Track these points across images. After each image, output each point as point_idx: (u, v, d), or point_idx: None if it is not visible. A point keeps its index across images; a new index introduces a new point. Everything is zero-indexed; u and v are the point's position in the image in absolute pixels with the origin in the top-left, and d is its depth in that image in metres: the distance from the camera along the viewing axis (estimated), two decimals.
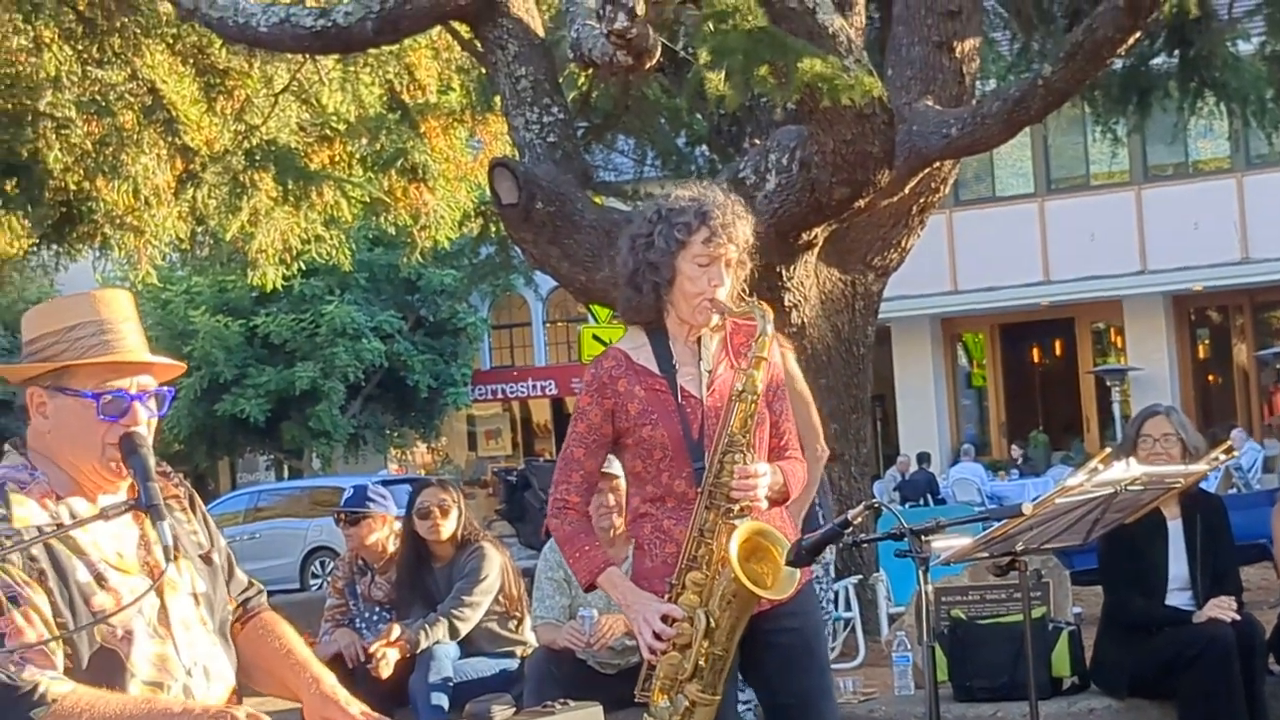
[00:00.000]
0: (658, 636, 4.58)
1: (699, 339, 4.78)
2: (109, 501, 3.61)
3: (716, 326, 4.77)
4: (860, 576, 11.51)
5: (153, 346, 3.76)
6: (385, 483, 15.43)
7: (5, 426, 34.23)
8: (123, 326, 3.64)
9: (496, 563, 8.20)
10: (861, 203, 10.41)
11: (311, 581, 26.95)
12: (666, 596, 4.61)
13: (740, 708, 5.29)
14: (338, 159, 17.70)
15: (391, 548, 8.46)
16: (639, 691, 4.62)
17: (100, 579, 3.54)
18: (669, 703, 4.57)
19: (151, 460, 3.57)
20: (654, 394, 4.72)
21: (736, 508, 4.61)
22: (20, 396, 3.67)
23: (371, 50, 14.56)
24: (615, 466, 5.85)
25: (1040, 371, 36.12)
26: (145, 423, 3.62)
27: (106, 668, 3.48)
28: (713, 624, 4.56)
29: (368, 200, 18.15)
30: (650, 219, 4.80)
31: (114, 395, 3.59)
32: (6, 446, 3.71)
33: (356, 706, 3.71)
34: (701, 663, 4.55)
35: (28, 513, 3.52)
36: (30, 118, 15.61)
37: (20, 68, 15.10)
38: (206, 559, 3.78)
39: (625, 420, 4.71)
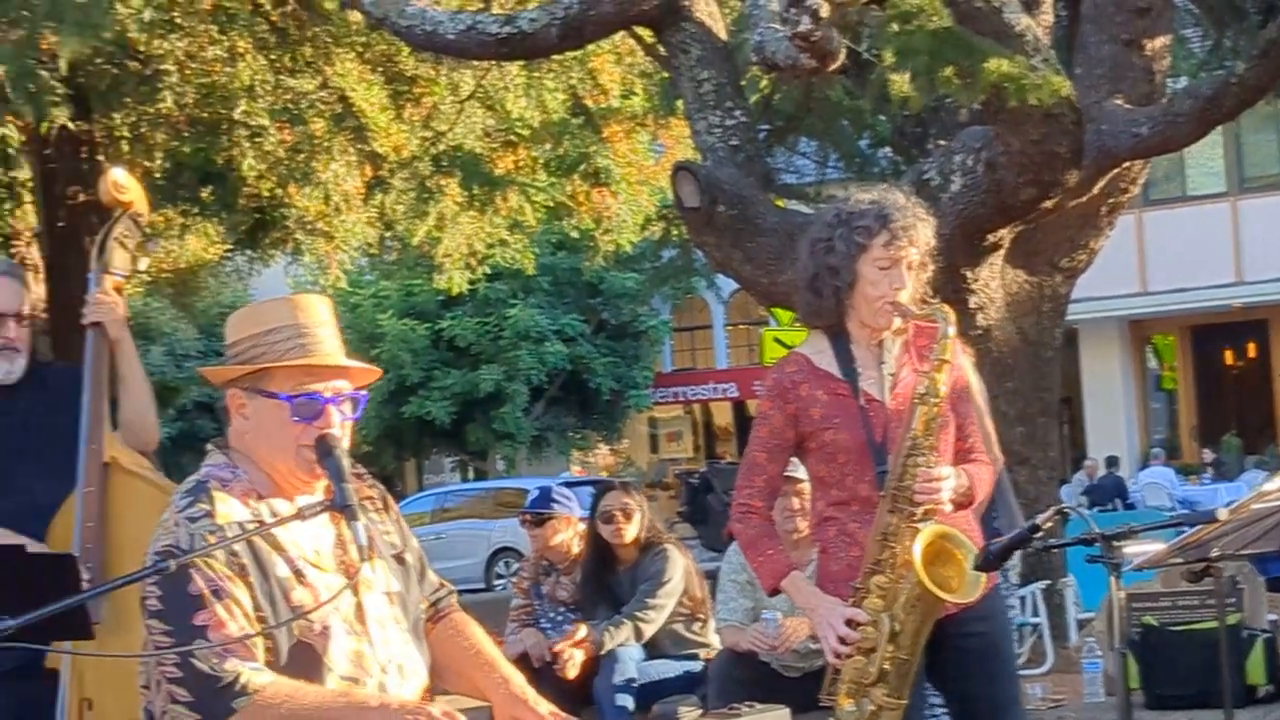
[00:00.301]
0: (842, 640, 4.56)
1: (881, 342, 4.76)
2: (306, 502, 3.69)
3: (898, 330, 4.75)
4: (1048, 582, 11.37)
5: (343, 350, 3.82)
6: (568, 484, 15.52)
7: (203, 428, 34.94)
8: (319, 331, 3.70)
9: (680, 565, 8.22)
10: (1048, 204, 10.29)
11: (496, 582, 27.18)
12: (851, 600, 4.59)
13: (928, 713, 5.25)
14: (522, 164, 17.84)
15: (576, 549, 8.51)
16: (824, 695, 4.62)
17: (299, 575, 3.61)
18: (855, 707, 4.55)
19: (346, 462, 3.63)
20: (836, 398, 4.70)
21: (920, 511, 4.59)
22: (221, 399, 3.75)
23: (555, 56, 14.66)
24: (800, 470, 5.84)
25: (1233, 374, 35.42)
26: (339, 425, 3.67)
27: (305, 662, 3.55)
28: (897, 628, 4.54)
29: (551, 204, 18.28)
30: (830, 223, 4.79)
31: (308, 398, 3.64)
32: (209, 446, 3.79)
33: (545, 706, 3.74)
34: (887, 667, 4.53)
35: (230, 509, 3.60)
36: (225, 126, 15.91)
37: (216, 78, 15.40)
38: (400, 559, 3.84)
39: (808, 425, 4.71)
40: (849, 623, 4.56)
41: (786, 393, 4.74)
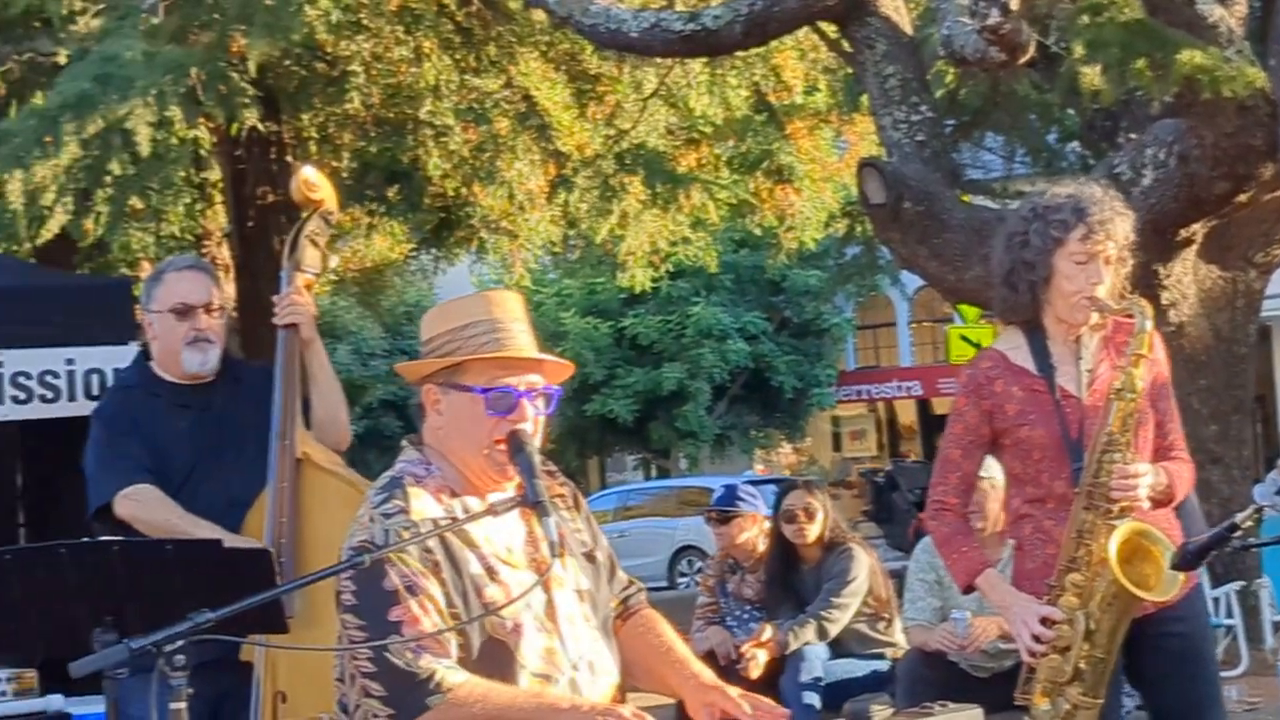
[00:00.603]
0: (1037, 639, 4.51)
1: (1078, 338, 4.69)
2: (498, 497, 3.70)
3: (1096, 325, 4.68)
4: (1243, 583, 11.15)
5: (537, 345, 3.83)
6: (752, 483, 15.52)
7: (389, 425, 35.39)
8: (514, 325, 3.72)
9: (865, 564, 8.18)
10: (1242, 198, 10.10)
11: (680, 580, 27.23)
12: (1045, 599, 4.54)
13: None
14: (705, 161, 17.84)
15: (761, 547, 8.50)
16: (1019, 694, 4.56)
17: (491, 572, 3.62)
18: (1050, 706, 4.50)
19: (537, 458, 3.64)
20: (1032, 394, 4.65)
21: (1116, 508, 4.52)
22: (408, 397, 3.80)
23: (738, 53, 14.65)
24: (993, 469, 5.77)
25: None
26: (532, 420, 3.68)
27: (497, 659, 3.56)
28: (1092, 626, 4.48)
29: (734, 202, 18.26)
30: (1026, 217, 4.74)
31: (502, 391, 3.66)
32: (404, 443, 3.83)
33: (736, 690, 3.73)
34: (1082, 665, 4.47)
35: (424, 506, 3.63)
36: (411, 126, 16.08)
37: (402, 78, 15.58)
38: (590, 557, 3.84)
39: (1003, 421, 4.66)
40: (1044, 621, 4.50)
41: (981, 389, 4.70)
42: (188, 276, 5.52)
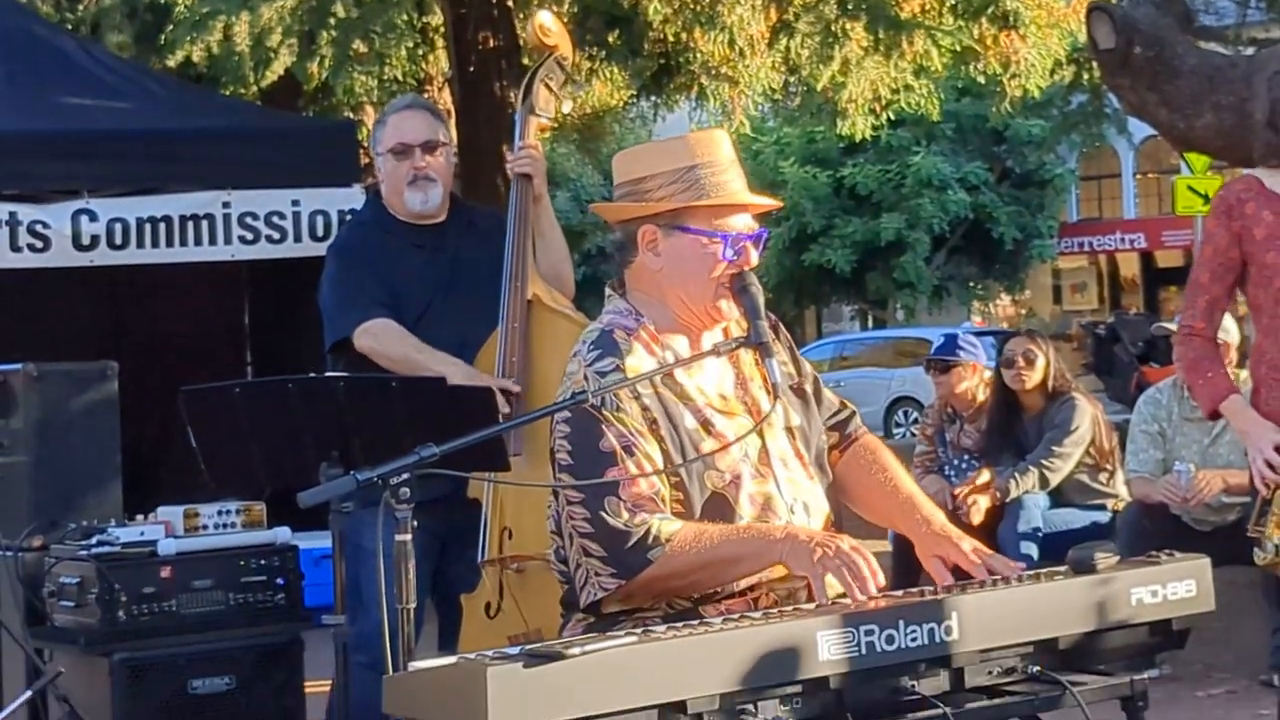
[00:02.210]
0: (1272, 468, 4.41)
1: None
2: (710, 338, 3.70)
3: None
4: None
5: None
6: (973, 334, 15.37)
7: (608, 272, 35.58)
8: (732, 169, 3.70)
9: (1088, 414, 8.09)
10: None
11: (895, 430, 27.19)
12: None
13: None
14: (928, 7, 17.48)
15: (980, 397, 8.45)
16: (1251, 526, 4.48)
17: (706, 425, 3.62)
18: None
19: (761, 298, 3.63)
20: None
21: None
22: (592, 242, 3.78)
23: None
24: (1228, 326, 5.61)
25: None
26: (755, 261, 3.68)
27: (717, 513, 3.57)
28: None
29: (957, 49, 17.89)
30: None
31: (734, 236, 3.64)
32: (608, 290, 3.81)
33: (969, 542, 3.70)
34: None
35: (638, 361, 3.62)
36: None
37: None
38: (799, 391, 3.82)
39: (1250, 245, 4.54)
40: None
41: (1232, 210, 4.58)
42: (406, 116, 5.57)
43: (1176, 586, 3.59)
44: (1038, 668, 3.41)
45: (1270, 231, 4.52)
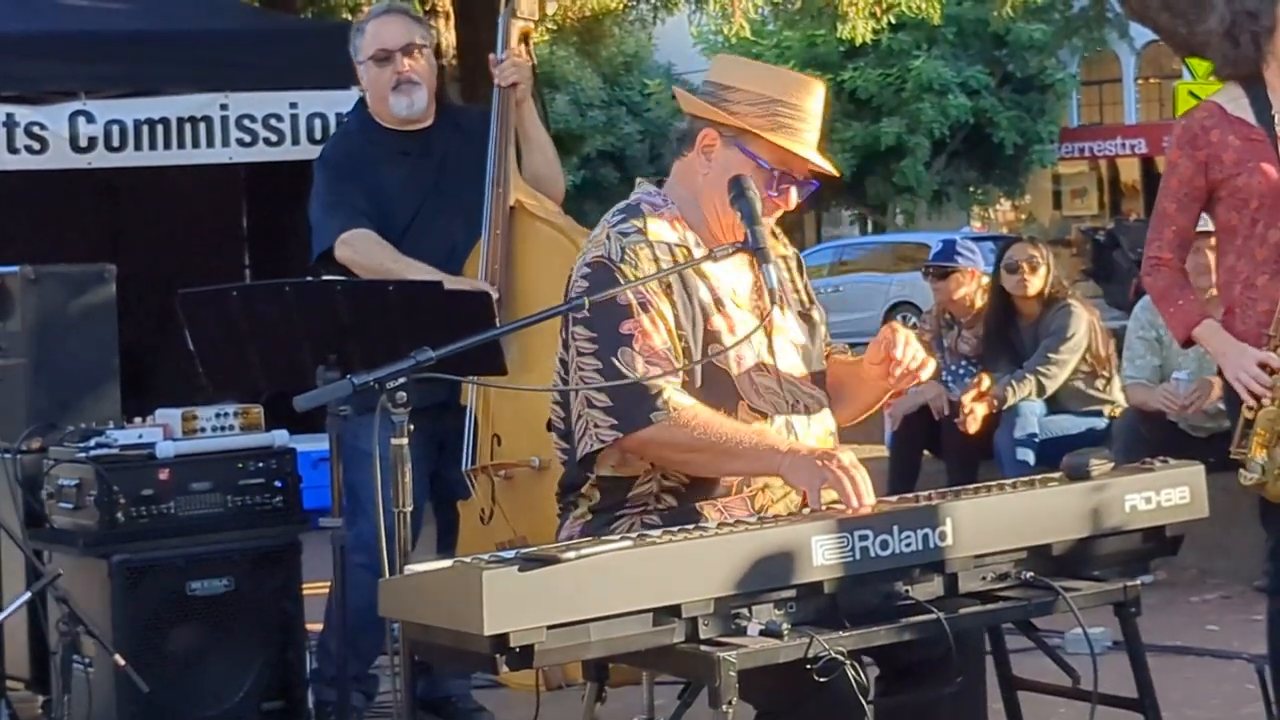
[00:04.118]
0: (1256, 385, 4.42)
1: None
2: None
3: None
4: None
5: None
6: (970, 239, 15.37)
7: (606, 176, 35.46)
8: (811, 122, 3.73)
9: (1084, 321, 8.08)
10: None
11: None
12: (1265, 348, 4.44)
13: None
14: None
15: (978, 302, 8.43)
16: (1234, 447, 4.49)
17: (718, 302, 3.67)
18: (1266, 457, 4.42)
19: (759, 205, 3.64)
20: (1250, 143, 4.52)
21: None
22: (628, 149, 3.80)
23: None
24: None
25: None
26: (792, 206, 3.77)
27: (719, 387, 3.61)
28: None
29: None
30: None
31: (783, 174, 3.71)
32: (639, 180, 3.87)
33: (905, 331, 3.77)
34: None
35: (660, 230, 3.69)
36: None
37: None
38: (806, 317, 3.87)
39: (1219, 171, 4.53)
40: (1262, 367, 4.41)
41: (1196, 139, 4.57)
42: (385, 21, 5.56)
43: (1170, 493, 3.62)
44: (1031, 573, 3.44)
45: (1239, 155, 4.52)
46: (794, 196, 3.75)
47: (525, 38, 5.51)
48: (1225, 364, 4.57)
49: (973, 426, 7.81)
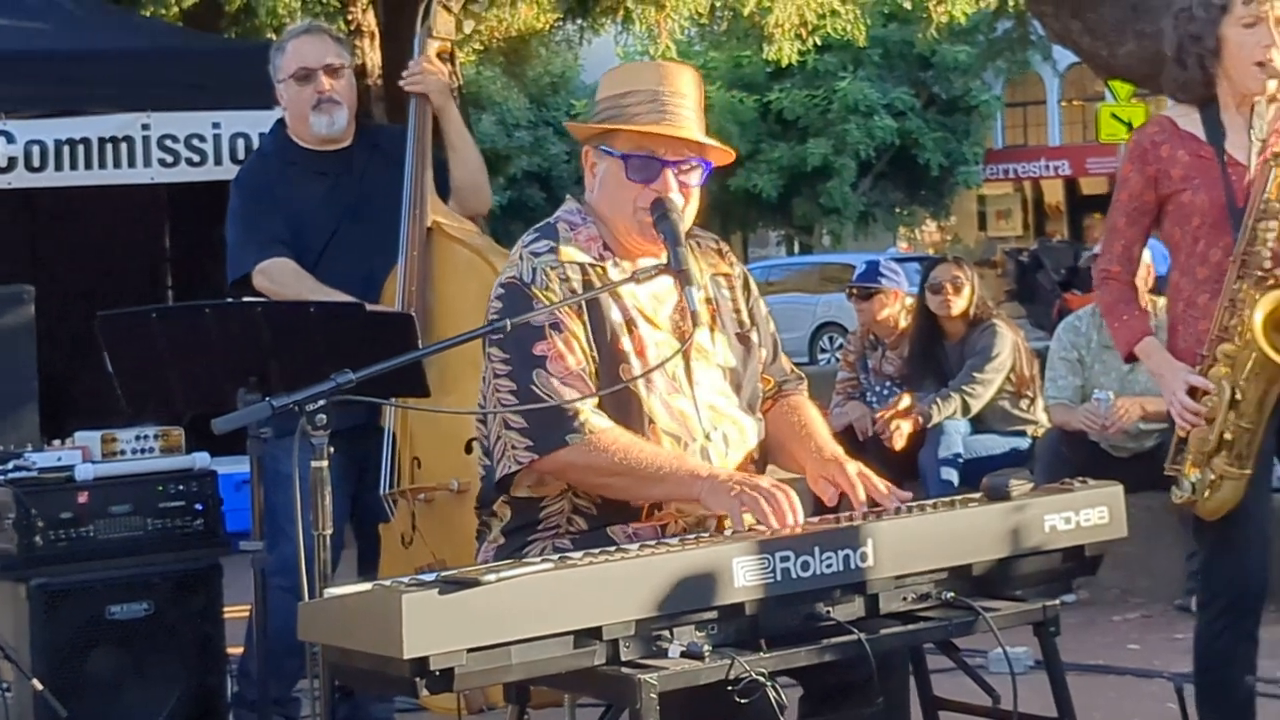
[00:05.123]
0: (1185, 408, 4.46)
1: (1252, 108, 4.56)
2: (650, 262, 3.70)
3: (1272, 95, 4.54)
4: None
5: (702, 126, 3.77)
6: (895, 260, 15.44)
7: (532, 197, 35.47)
8: (676, 100, 3.69)
9: (1009, 341, 8.13)
10: None
11: (820, 356, 27.28)
12: (1198, 368, 4.49)
13: None
14: None
15: (902, 323, 8.47)
16: (1169, 464, 4.52)
17: (630, 324, 3.66)
18: (1199, 475, 4.46)
19: (682, 227, 3.63)
20: (1198, 159, 4.56)
21: (1271, 277, 4.43)
22: (554, 169, 3.81)
23: None
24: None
25: None
26: (677, 190, 3.67)
27: (630, 411, 3.60)
28: (1238, 396, 4.41)
29: None
30: None
31: (644, 158, 3.66)
32: (568, 196, 3.86)
33: (855, 466, 3.71)
34: (1227, 436, 4.42)
35: (573, 251, 3.67)
36: None
37: None
38: (743, 339, 3.84)
39: (1167, 185, 4.57)
40: (1193, 391, 4.44)
41: (1146, 154, 4.61)
42: (306, 40, 5.54)
43: (1090, 513, 3.62)
44: (952, 594, 3.44)
45: (1187, 171, 4.56)
46: (672, 180, 3.66)
47: (450, 56, 5.50)
48: (1162, 384, 4.63)
49: (899, 442, 7.84)
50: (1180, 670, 5.36)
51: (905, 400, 7.96)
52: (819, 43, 20.55)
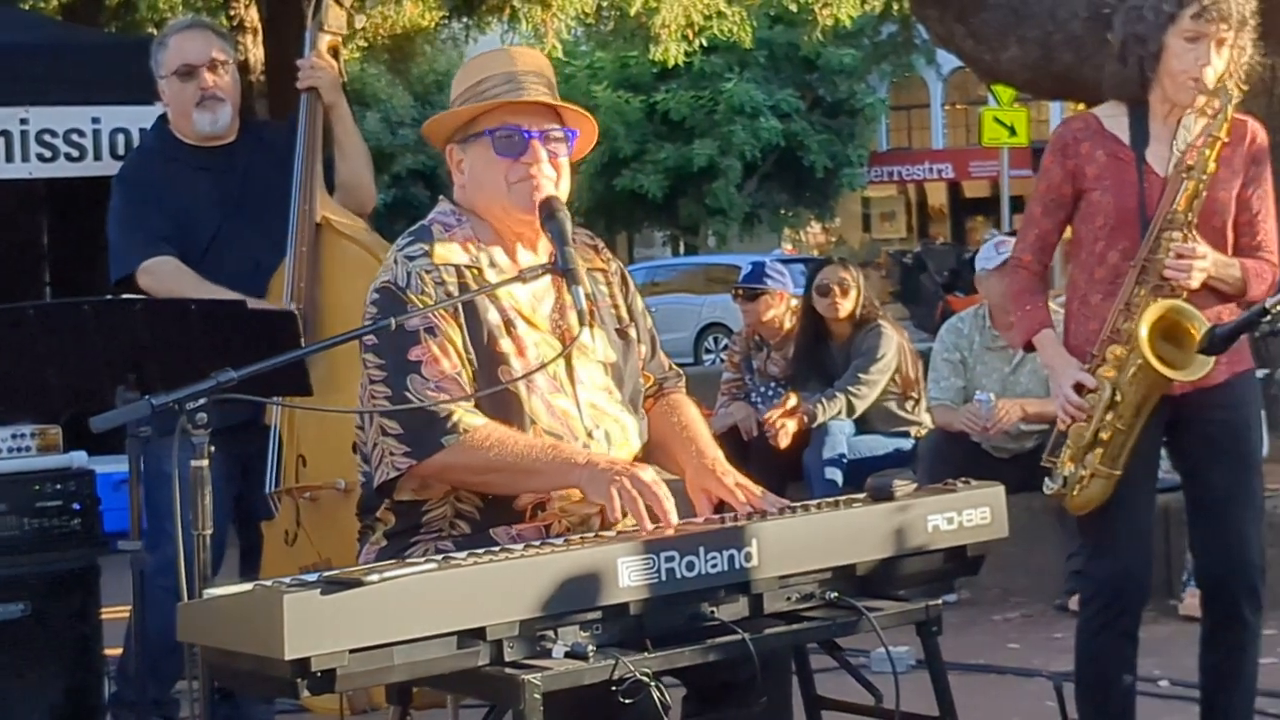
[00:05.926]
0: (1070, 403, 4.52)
1: (1180, 120, 4.61)
2: (528, 257, 3.70)
3: (1201, 110, 4.59)
4: (1267, 371, 11.12)
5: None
6: (781, 262, 15.50)
7: (416, 195, 35.31)
8: (531, 78, 3.69)
9: (894, 342, 8.18)
10: None
11: (705, 356, 27.35)
12: (1086, 367, 4.54)
13: None
14: None
15: (788, 324, 8.50)
16: (1047, 456, 4.58)
17: (508, 325, 3.64)
18: (1074, 470, 4.51)
19: (569, 225, 3.64)
20: (1115, 161, 4.61)
21: (1168, 286, 4.49)
22: (440, 166, 3.79)
23: None
24: None
25: None
26: (548, 162, 3.67)
27: (510, 412, 3.59)
28: (1118, 398, 4.47)
29: None
30: None
31: (509, 130, 3.65)
32: (441, 198, 3.82)
33: (732, 477, 3.72)
34: (1103, 435, 4.48)
35: (448, 252, 3.65)
36: None
37: None
38: (622, 334, 3.84)
39: (1081, 182, 4.62)
40: (1078, 387, 4.50)
41: (1068, 148, 4.66)
42: (188, 36, 5.48)
43: (972, 514, 3.65)
44: (835, 594, 3.45)
45: (1100, 171, 4.61)
46: (541, 150, 3.65)
47: (335, 51, 5.46)
48: (1051, 377, 4.71)
49: (784, 441, 7.87)
50: (1060, 669, 5.41)
51: (792, 400, 7.99)
52: (705, 44, 20.62)
